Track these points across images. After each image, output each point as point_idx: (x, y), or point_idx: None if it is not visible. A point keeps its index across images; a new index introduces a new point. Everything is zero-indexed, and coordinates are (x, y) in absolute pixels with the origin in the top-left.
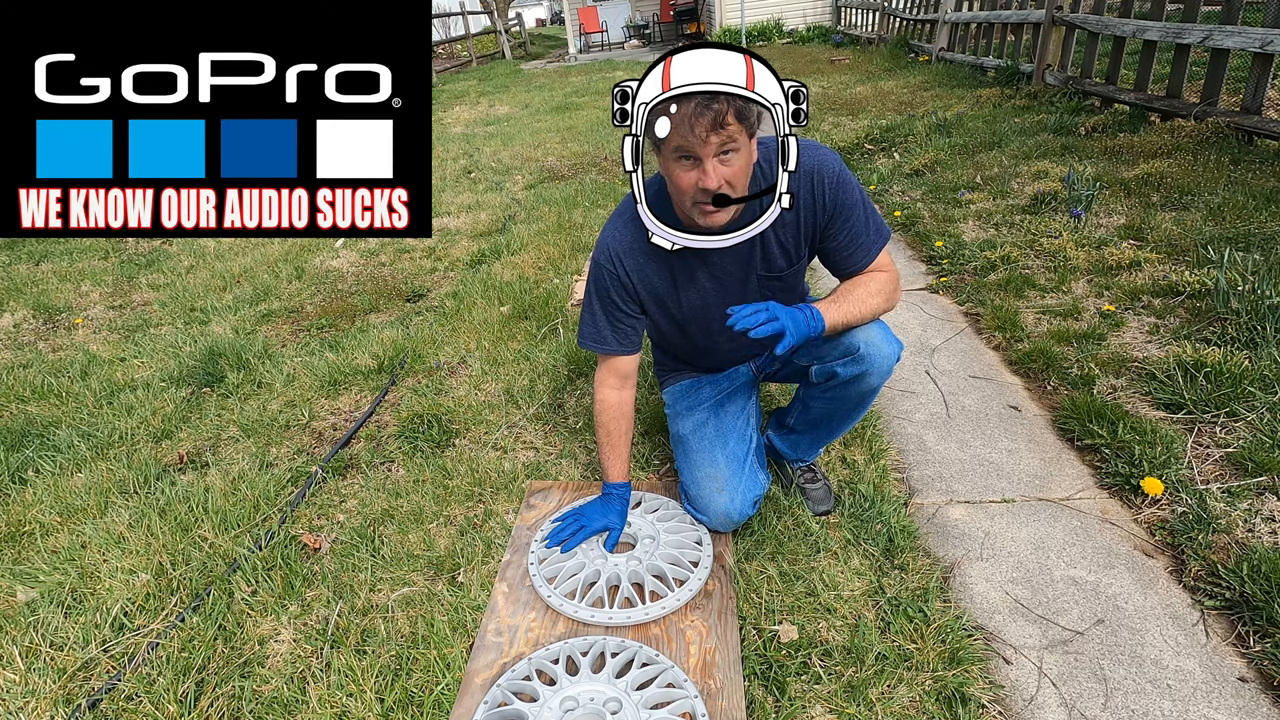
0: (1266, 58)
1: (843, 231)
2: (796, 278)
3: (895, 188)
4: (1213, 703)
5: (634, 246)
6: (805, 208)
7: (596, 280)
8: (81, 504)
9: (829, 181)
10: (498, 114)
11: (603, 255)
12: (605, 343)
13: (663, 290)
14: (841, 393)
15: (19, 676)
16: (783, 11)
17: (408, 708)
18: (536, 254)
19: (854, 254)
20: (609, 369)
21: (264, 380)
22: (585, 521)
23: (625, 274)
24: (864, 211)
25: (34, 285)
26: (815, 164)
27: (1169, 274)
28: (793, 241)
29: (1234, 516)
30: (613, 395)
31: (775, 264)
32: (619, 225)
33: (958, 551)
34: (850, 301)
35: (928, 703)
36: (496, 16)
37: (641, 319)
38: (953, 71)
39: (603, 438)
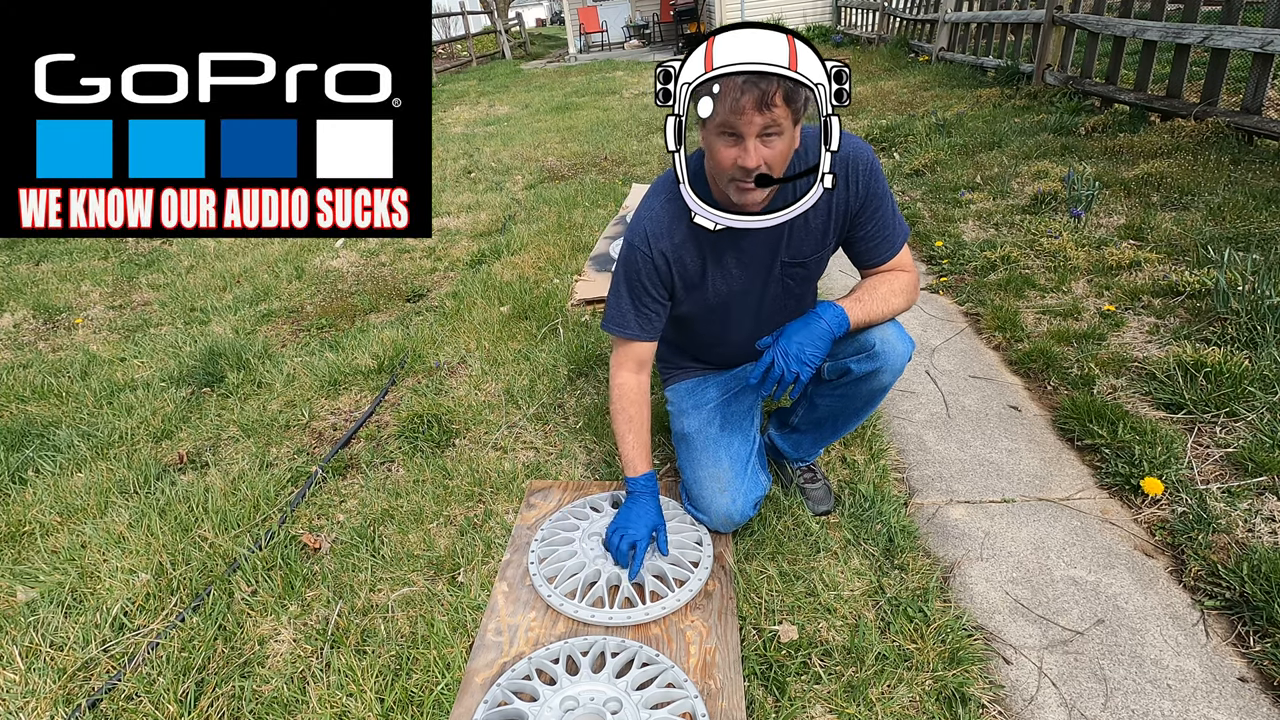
0: (1266, 58)
1: (871, 221)
2: (819, 264)
3: (895, 188)
4: (1213, 703)
5: (672, 226)
6: (839, 194)
7: (628, 263)
8: (81, 504)
9: (864, 169)
10: (498, 114)
11: (638, 238)
12: (628, 327)
13: (693, 275)
14: (852, 390)
15: (19, 676)
16: (783, 11)
17: (408, 708)
18: (536, 254)
19: (879, 245)
20: (628, 354)
21: (264, 380)
22: (626, 532)
23: (661, 257)
24: (891, 204)
25: (34, 285)
26: (851, 150)
27: (1169, 274)
28: (822, 227)
29: (1234, 516)
30: (632, 379)
31: (801, 249)
32: (657, 205)
33: (958, 551)
34: (875, 299)
35: (928, 703)
36: (496, 16)
37: (667, 307)
38: (953, 71)
39: (623, 424)
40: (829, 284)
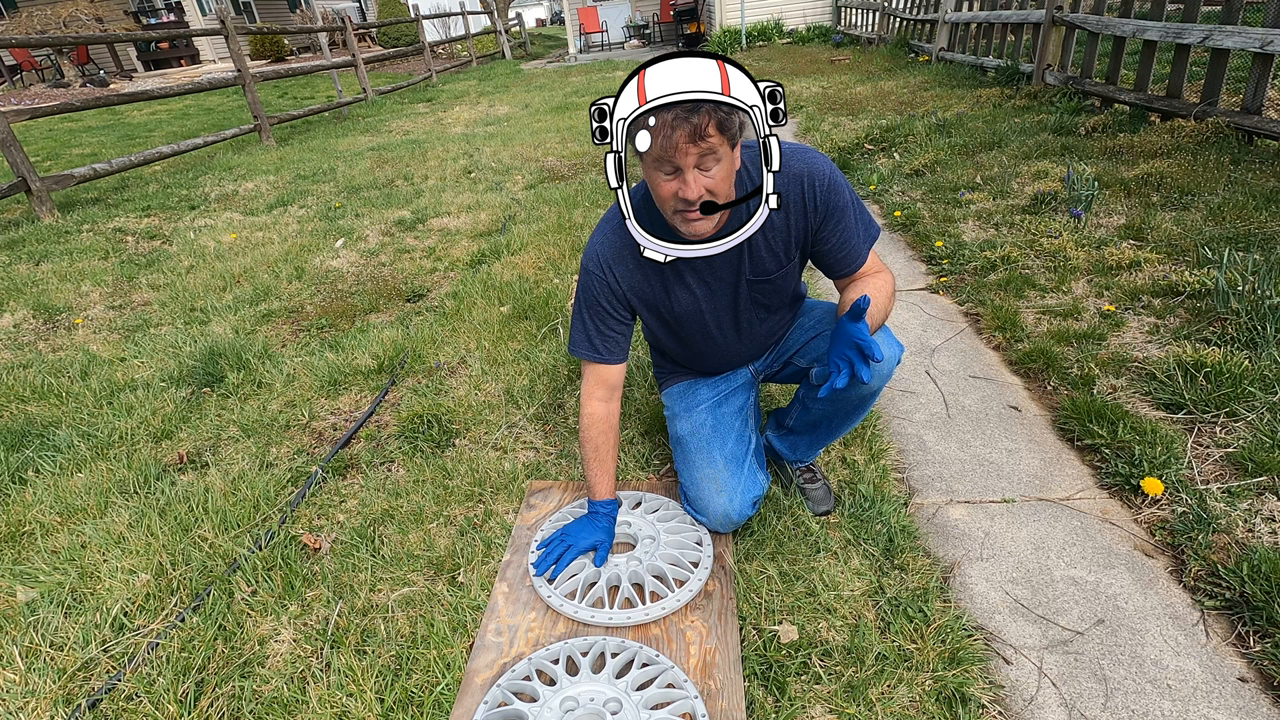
0: (1266, 58)
1: (835, 234)
2: (786, 280)
3: (895, 188)
4: (1213, 703)
5: (623, 253)
6: (795, 211)
7: (586, 288)
8: (81, 504)
9: (820, 185)
10: (498, 114)
11: (592, 262)
12: (595, 351)
13: (654, 296)
14: (842, 395)
15: (19, 676)
16: (783, 11)
17: (408, 708)
18: (536, 254)
19: (846, 256)
20: (597, 380)
21: (264, 380)
22: (572, 541)
23: (615, 280)
24: (855, 213)
25: (34, 285)
26: (806, 167)
27: (1169, 274)
28: (782, 245)
29: (1234, 516)
30: (600, 408)
31: (764, 267)
32: (607, 232)
33: (958, 551)
34: (878, 310)
35: (928, 703)
36: (496, 16)
37: (630, 327)
38: (953, 71)
39: (590, 453)
40: (829, 283)
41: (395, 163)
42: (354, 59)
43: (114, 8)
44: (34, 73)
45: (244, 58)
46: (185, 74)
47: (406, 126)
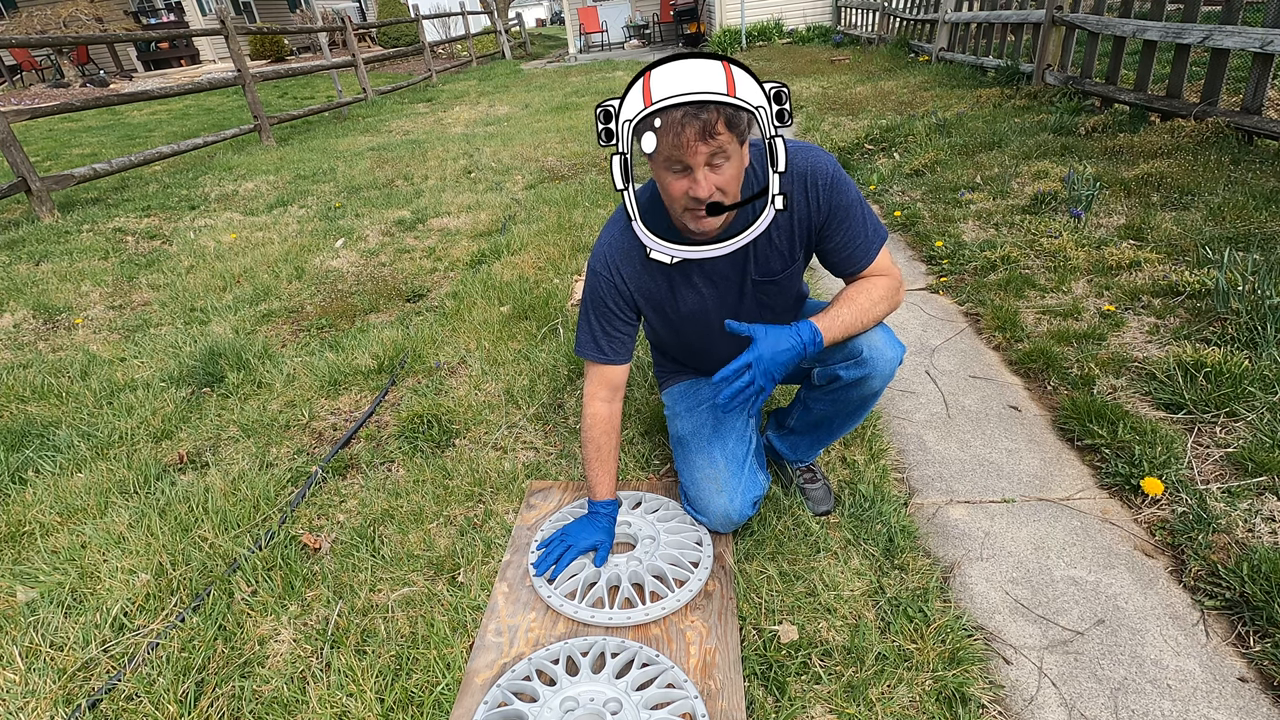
0: (1266, 58)
1: (840, 233)
2: (791, 280)
3: (895, 188)
4: (1213, 703)
5: (630, 254)
6: (800, 210)
7: (593, 289)
8: (81, 504)
9: (823, 183)
10: (498, 114)
11: (599, 263)
12: (601, 352)
13: (660, 296)
14: (843, 395)
15: (19, 676)
16: (783, 11)
17: (408, 708)
18: (536, 254)
19: (853, 254)
20: (600, 380)
21: (264, 380)
22: (572, 541)
23: (623, 281)
24: (860, 212)
25: (34, 285)
26: (809, 166)
27: (1169, 274)
28: (787, 245)
29: (1234, 516)
30: (603, 409)
31: (769, 267)
32: (614, 233)
33: (958, 551)
34: (853, 310)
35: (928, 703)
36: (496, 16)
37: (635, 328)
38: (953, 71)
39: (591, 453)
40: (829, 283)
41: (395, 163)
42: (354, 59)
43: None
44: (34, 73)
45: (244, 58)
46: (185, 74)
47: (406, 126)
